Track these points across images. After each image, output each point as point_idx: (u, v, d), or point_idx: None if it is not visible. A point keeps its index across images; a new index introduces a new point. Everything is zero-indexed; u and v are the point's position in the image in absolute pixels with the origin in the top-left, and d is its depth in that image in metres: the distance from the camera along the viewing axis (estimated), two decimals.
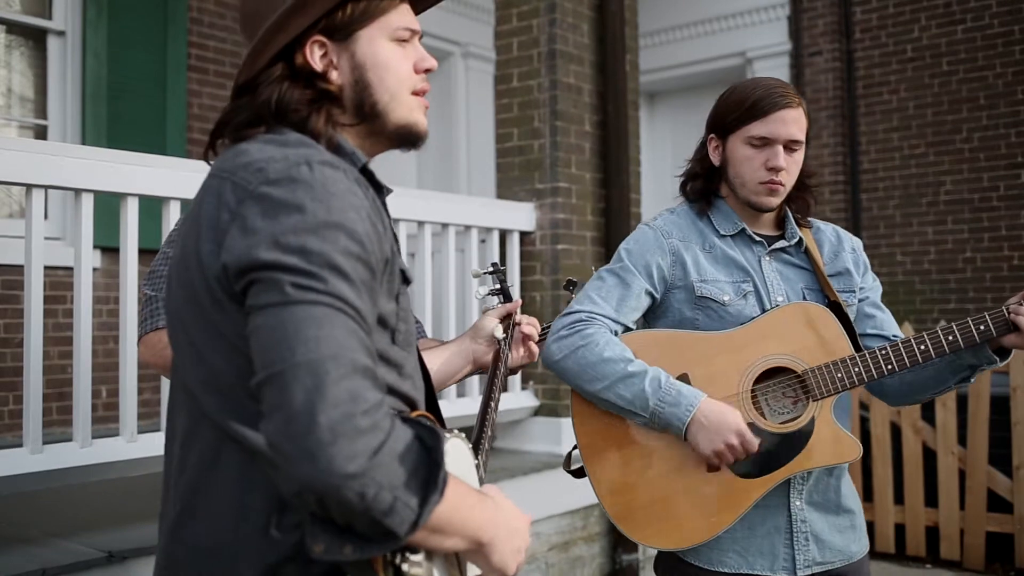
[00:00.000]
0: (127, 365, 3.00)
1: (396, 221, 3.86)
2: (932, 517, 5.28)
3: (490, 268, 2.13)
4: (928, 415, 5.31)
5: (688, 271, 2.10)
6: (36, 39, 5.22)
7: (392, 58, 1.36)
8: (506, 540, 1.26)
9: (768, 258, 2.14)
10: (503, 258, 4.64)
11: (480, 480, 1.60)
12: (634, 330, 2.13)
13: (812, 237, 2.17)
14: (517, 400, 4.62)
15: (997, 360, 1.99)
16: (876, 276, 2.25)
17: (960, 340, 1.96)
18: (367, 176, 1.33)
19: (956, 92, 7.05)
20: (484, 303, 2.09)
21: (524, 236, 4.70)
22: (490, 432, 1.77)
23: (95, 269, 4.89)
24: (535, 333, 2.01)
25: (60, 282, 4.73)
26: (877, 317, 2.16)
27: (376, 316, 1.21)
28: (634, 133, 5.03)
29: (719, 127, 2.14)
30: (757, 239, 2.13)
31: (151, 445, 3.04)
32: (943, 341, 1.96)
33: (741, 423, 1.94)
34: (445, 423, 1.58)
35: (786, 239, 2.14)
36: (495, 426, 1.83)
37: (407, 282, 1.33)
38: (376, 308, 1.21)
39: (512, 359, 1.98)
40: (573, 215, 4.70)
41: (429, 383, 1.47)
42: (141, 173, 3.03)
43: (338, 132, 1.35)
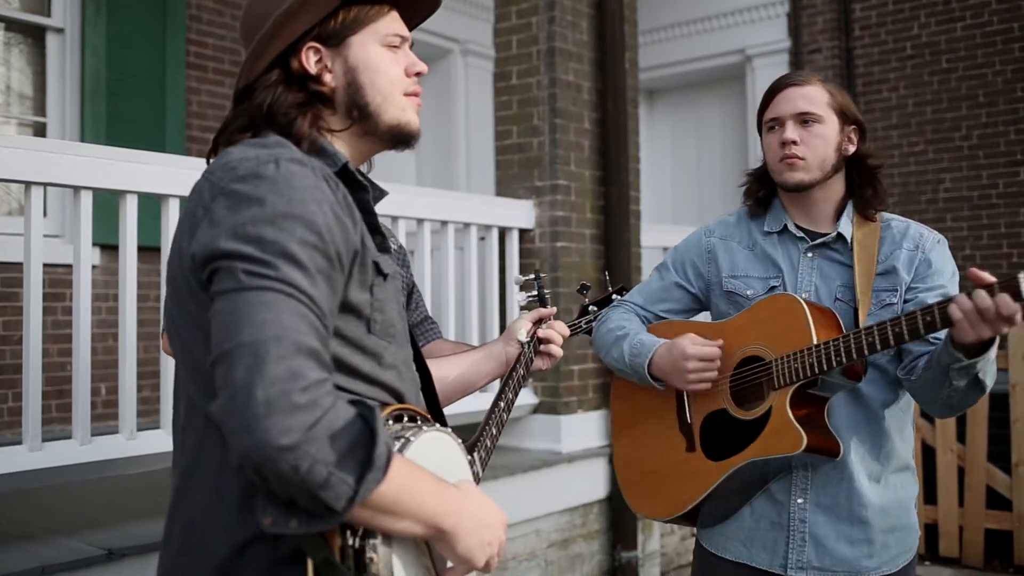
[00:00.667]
0: (126, 362, 3.00)
1: (395, 218, 3.86)
2: (931, 514, 5.29)
3: (532, 276, 2.19)
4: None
5: (721, 267, 2.21)
6: (35, 36, 5.21)
7: (383, 61, 1.44)
8: (472, 531, 1.29)
9: (809, 254, 2.13)
10: (502, 256, 4.64)
11: (476, 476, 1.61)
12: (665, 320, 2.32)
13: (878, 234, 2.10)
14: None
15: (962, 357, 1.81)
16: (956, 275, 2.12)
17: (905, 332, 1.82)
18: (347, 176, 1.40)
19: (955, 89, 7.05)
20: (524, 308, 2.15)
21: (523, 233, 4.70)
22: (495, 431, 1.78)
23: (94, 267, 4.88)
24: (556, 337, 2.01)
25: (59, 280, 4.73)
26: None
27: (340, 303, 1.28)
28: (633, 130, 5.03)
29: (758, 130, 2.21)
30: (799, 235, 2.14)
31: (150, 442, 3.04)
32: (889, 333, 1.84)
33: (688, 347, 2.08)
34: (446, 420, 1.59)
35: (829, 235, 2.12)
36: (502, 425, 1.84)
37: (382, 275, 1.38)
38: (337, 296, 1.27)
39: (535, 364, 2.00)
40: (572, 212, 4.70)
41: (428, 379, 1.50)
42: (140, 170, 3.03)
43: (324, 136, 1.42)
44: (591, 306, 2.40)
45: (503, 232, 4.63)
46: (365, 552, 1.20)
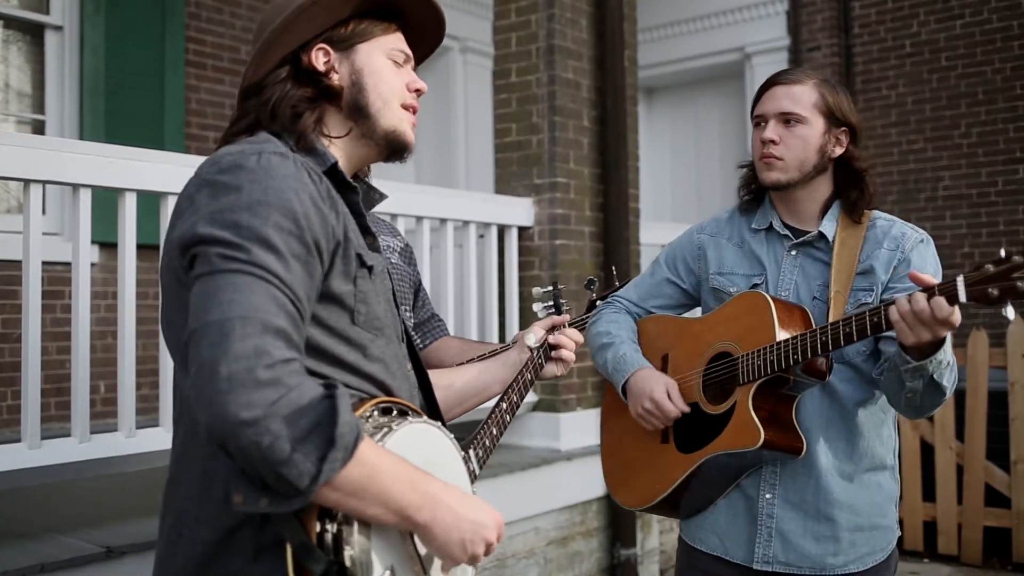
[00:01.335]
0: (125, 360, 3.00)
1: (394, 216, 3.86)
2: (930, 512, 5.30)
3: (549, 288, 2.23)
4: None
5: (709, 264, 2.24)
6: (34, 34, 5.21)
7: (387, 70, 1.51)
8: (451, 527, 1.29)
9: (793, 252, 2.14)
10: (501, 253, 4.64)
11: (471, 473, 1.62)
12: (655, 314, 2.36)
13: (863, 234, 2.09)
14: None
15: (909, 359, 1.80)
16: (938, 272, 2.10)
17: (854, 331, 1.83)
18: (335, 176, 1.43)
19: (955, 87, 7.05)
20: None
21: (522, 231, 4.70)
22: (495, 431, 1.79)
23: (93, 264, 4.86)
24: (568, 343, 2.01)
25: (58, 277, 4.73)
26: None
27: (322, 292, 1.31)
28: (632, 128, 5.03)
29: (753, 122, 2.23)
30: (783, 233, 2.15)
31: (149, 440, 3.04)
32: (840, 333, 1.85)
33: (658, 391, 2.13)
34: (444, 420, 1.59)
35: (812, 235, 2.12)
36: (504, 426, 1.85)
37: (366, 267, 1.40)
38: (315, 282, 1.29)
39: (545, 369, 2.01)
40: (571, 210, 4.70)
41: (423, 376, 1.52)
42: (139, 168, 3.02)
43: (320, 139, 1.46)
44: (598, 301, 2.43)
45: (502, 230, 4.63)
46: (342, 537, 1.21)
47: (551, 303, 2.19)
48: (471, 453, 1.70)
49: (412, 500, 1.25)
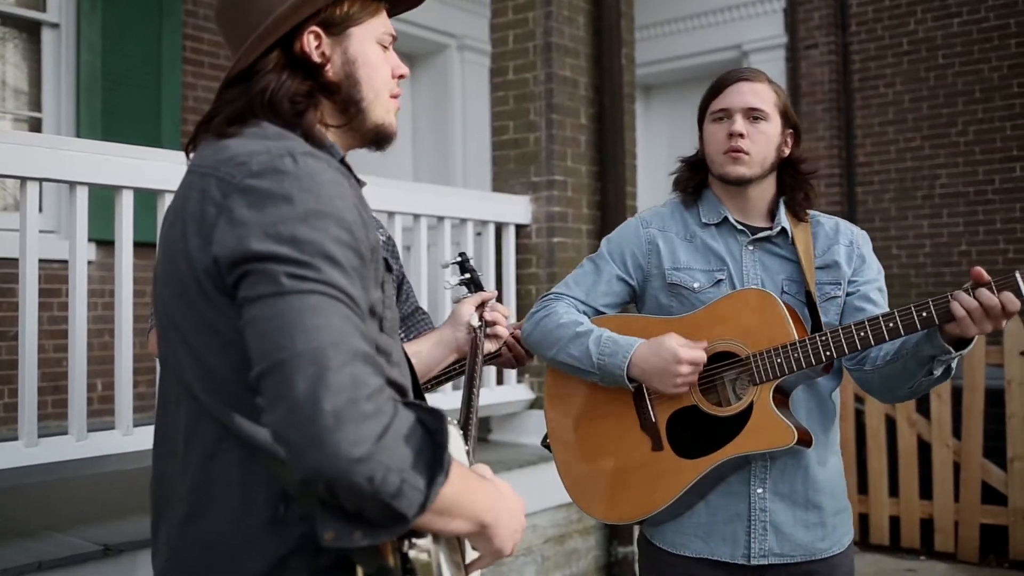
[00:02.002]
0: (122, 358, 2.99)
1: (392, 214, 3.86)
2: (927, 509, 5.30)
3: (458, 258, 2.16)
4: (923, 408, 5.32)
5: (662, 259, 2.18)
6: (30, 31, 5.20)
7: (379, 59, 1.42)
8: (506, 523, 1.28)
9: (751, 248, 2.15)
10: (499, 251, 4.64)
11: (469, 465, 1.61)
12: (606, 315, 2.23)
13: (810, 230, 2.16)
14: (513, 393, 4.62)
15: (951, 350, 1.85)
16: (881, 269, 2.19)
17: (901, 327, 1.85)
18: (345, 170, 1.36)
19: (952, 85, 7.05)
20: (454, 293, 2.12)
21: (520, 229, 4.70)
22: (475, 418, 1.79)
23: (90, 262, 4.87)
24: (501, 319, 2.03)
25: (55, 275, 4.72)
26: (866, 310, 2.09)
27: (369, 304, 1.23)
28: (630, 126, 5.03)
29: (699, 119, 2.23)
30: (740, 228, 2.15)
31: (147, 438, 2.99)
32: (883, 328, 1.87)
33: (678, 349, 1.99)
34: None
35: (771, 229, 2.14)
36: (478, 412, 1.85)
37: (389, 270, 1.36)
38: (368, 296, 1.22)
39: (485, 347, 2.00)
40: (569, 208, 4.70)
41: (413, 372, 1.49)
42: (136, 166, 3.02)
43: (326, 134, 1.38)
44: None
45: (500, 228, 4.63)
46: (413, 555, 1.18)
47: (468, 276, 2.12)
48: (468, 447, 1.70)
49: (485, 505, 1.23)
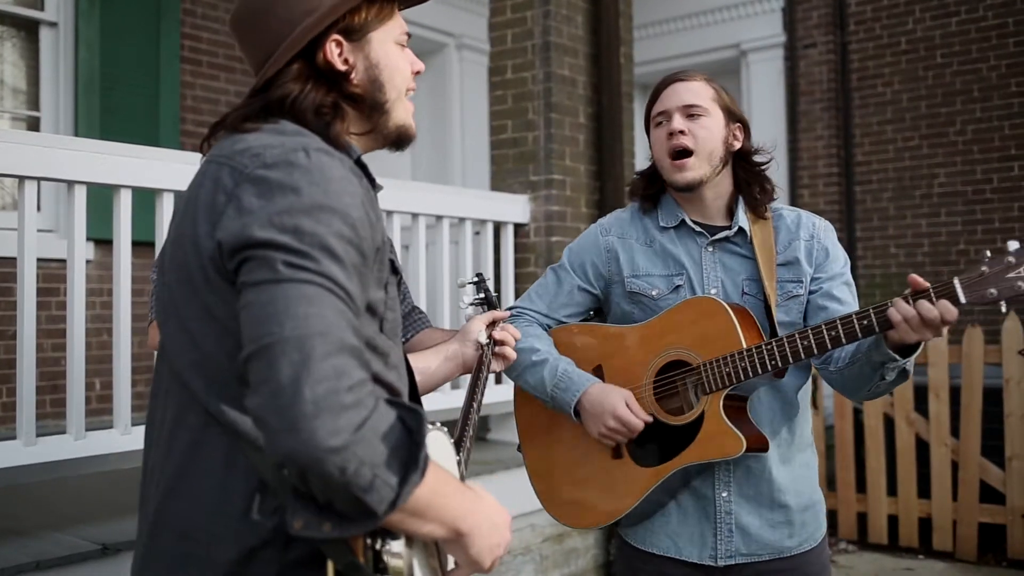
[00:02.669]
0: (121, 357, 2.99)
1: (390, 213, 3.86)
2: (925, 508, 5.31)
3: (475, 278, 2.18)
4: (921, 407, 5.33)
5: (622, 266, 2.18)
6: (28, 30, 5.19)
7: (400, 60, 1.43)
8: (486, 534, 1.28)
9: (711, 249, 2.13)
10: (497, 250, 4.64)
11: (461, 476, 1.61)
12: (567, 324, 2.25)
13: (771, 226, 2.13)
14: (511, 393, 4.61)
15: (897, 357, 1.83)
16: (847, 260, 2.16)
17: (842, 336, 1.84)
18: (361, 168, 1.36)
19: (950, 85, 7.06)
20: (468, 312, 2.14)
21: (518, 228, 4.70)
22: (471, 432, 1.80)
23: (88, 261, 4.87)
24: (510, 339, 2.03)
25: (53, 274, 4.72)
26: (829, 309, 2.07)
27: (366, 302, 1.24)
28: (628, 125, 5.03)
29: (645, 129, 2.23)
30: (698, 230, 2.14)
31: None
32: (825, 337, 1.86)
33: (620, 407, 2.04)
34: (427, 416, 1.59)
35: (730, 229, 2.12)
36: (476, 427, 1.86)
37: (395, 273, 1.36)
38: (366, 294, 1.23)
39: (492, 366, 2.01)
40: (567, 207, 4.70)
41: (412, 377, 1.49)
42: (134, 165, 3.02)
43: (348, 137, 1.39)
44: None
45: (498, 227, 4.63)
46: (383, 555, 1.18)
47: (482, 295, 2.13)
48: (461, 457, 1.70)
49: (460, 512, 1.23)
